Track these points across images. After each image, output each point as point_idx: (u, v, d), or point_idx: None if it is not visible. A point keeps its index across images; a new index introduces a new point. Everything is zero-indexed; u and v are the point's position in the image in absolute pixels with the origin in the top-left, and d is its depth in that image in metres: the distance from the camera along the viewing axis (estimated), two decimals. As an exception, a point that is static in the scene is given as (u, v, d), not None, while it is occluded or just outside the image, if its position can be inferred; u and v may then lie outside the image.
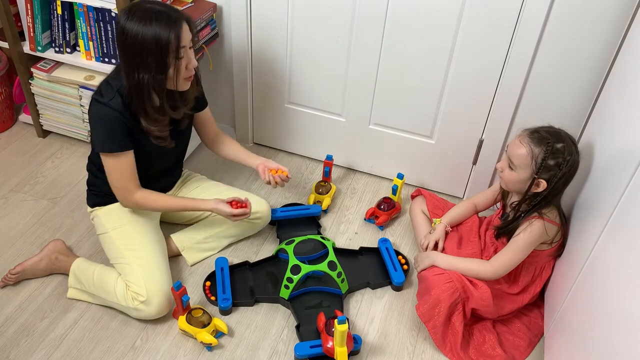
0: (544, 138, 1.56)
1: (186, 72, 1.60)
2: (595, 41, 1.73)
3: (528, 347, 1.75)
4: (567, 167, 1.55)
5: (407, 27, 1.92)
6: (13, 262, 1.88)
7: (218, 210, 1.78)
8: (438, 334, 1.69)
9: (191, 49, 1.60)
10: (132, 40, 1.49)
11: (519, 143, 1.60)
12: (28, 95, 2.32)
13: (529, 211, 1.63)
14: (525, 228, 1.62)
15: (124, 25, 1.50)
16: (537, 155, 1.56)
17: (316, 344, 1.66)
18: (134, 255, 1.73)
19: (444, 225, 1.86)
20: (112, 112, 1.58)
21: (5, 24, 2.12)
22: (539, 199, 1.60)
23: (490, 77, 1.92)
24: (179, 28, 1.51)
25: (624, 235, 1.26)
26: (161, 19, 1.49)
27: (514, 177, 1.62)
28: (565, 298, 1.57)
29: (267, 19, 2.10)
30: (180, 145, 1.86)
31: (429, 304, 1.65)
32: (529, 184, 1.59)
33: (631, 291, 1.16)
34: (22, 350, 1.67)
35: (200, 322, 1.68)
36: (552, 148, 1.54)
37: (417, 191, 2.09)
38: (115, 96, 1.59)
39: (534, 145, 1.57)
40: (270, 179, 1.87)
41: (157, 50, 1.50)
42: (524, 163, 1.58)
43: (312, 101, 2.27)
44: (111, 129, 1.60)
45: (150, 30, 1.48)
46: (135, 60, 1.52)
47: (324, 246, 1.94)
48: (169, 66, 1.55)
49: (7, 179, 2.24)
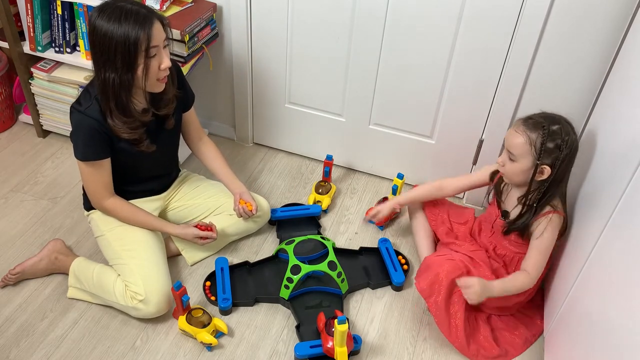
0: (538, 123, 1.55)
1: (159, 73, 1.58)
2: (595, 39, 1.73)
3: (524, 345, 1.74)
4: (568, 148, 1.53)
5: (407, 27, 1.92)
6: (13, 262, 1.88)
7: (185, 234, 1.81)
8: (440, 313, 1.65)
9: (165, 49, 1.58)
10: (101, 39, 1.48)
11: (514, 132, 1.58)
12: (28, 95, 2.32)
13: (540, 202, 1.60)
14: (546, 226, 1.60)
15: (94, 23, 1.49)
16: (535, 141, 1.54)
17: (316, 344, 1.66)
18: (131, 255, 1.73)
19: (394, 204, 1.93)
20: (89, 120, 1.58)
21: (5, 24, 2.12)
22: (546, 185, 1.58)
23: (490, 76, 1.92)
24: (149, 26, 1.50)
25: (625, 235, 1.26)
26: (131, 17, 1.48)
27: (517, 167, 1.59)
28: (565, 298, 1.57)
29: (267, 19, 2.10)
30: (169, 146, 1.85)
31: (429, 279, 1.64)
32: (533, 172, 1.57)
33: (631, 291, 1.16)
34: (22, 350, 1.67)
35: (200, 322, 1.68)
36: (549, 130, 1.53)
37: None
38: (92, 104, 1.58)
39: (530, 132, 1.55)
40: (237, 209, 1.88)
41: (126, 48, 1.49)
42: (523, 151, 1.56)
43: (312, 101, 2.26)
44: (87, 137, 1.60)
45: (120, 29, 1.47)
46: (103, 58, 1.51)
47: (324, 246, 1.94)
48: (137, 65, 1.52)
49: (7, 179, 2.24)
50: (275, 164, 2.41)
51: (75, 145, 1.65)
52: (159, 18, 1.54)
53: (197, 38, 2.03)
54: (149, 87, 1.60)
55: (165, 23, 1.56)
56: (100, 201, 1.74)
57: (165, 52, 1.58)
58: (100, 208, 1.77)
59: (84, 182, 1.73)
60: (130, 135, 1.63)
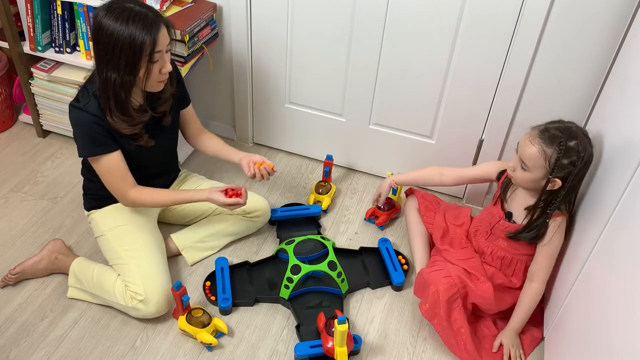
0: (555, 137, 1.50)
1: (160, 76, 1.59)
2: (595, 39, 1.73)
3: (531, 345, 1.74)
4: (582, 163, 1.50)
5: (407, 27, 1.92)
6: (13, 262, 1.88)
7: (212, 199, 1.75)
8: (445, 332, 1.66)
9: (167, 53, 1.58)
10: (106, 38, 1.48)
11: (529, 143, 1.53)
12: (28, 95, 2.32)
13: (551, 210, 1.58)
14: (552, 230, 1.58)
15: (100, 22, 1.49)
16: (550, 156, 1.50)
17: (316, 344, 1.66)
18: (131, 255, 1.73)
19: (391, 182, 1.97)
20: (89, 116, 1.58)
21: (5, 24, 2.12)
22: (558, 198, 1.55)
23: (490, 76, 1.92)
24: (156, 31, 1.50)
25: (624, 235, 1.26)
26: (139, 20, 1.48)
27: (528, 177, 1.57)
28: (565, 298, 1.57)
29: (267, 19, 2.10)
30: (167, 143, 1.85)
31: (430, 300, 1.64)
32: (544, 184, 1.54)
33: (631, 291, 1.16)
34: (22, 350, 1.67)
35: (200, 322, 1.68)
36: (566, 147, 1.48)
37: (410, 190, 2.08)
38: (90, 100, 1.59)
39: (546, 146, 1.50)
40: (256, 172, 1.82)
41: (130, 51, 1.49)
42: (537, 164, 1.52)
43: (312, 101, 2.26)
44: (90, 133, 1.60)
45: (126, 30, 1.47)
46: (107, 57, 1.51)
47: (324, 246, 1.94)
48: (139, 68, 1.53)
49: (7, 179, 2.24)
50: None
51: (81, 144, 1.64)
52: (165, 23, 1.55)
53: (197, 38, 2.03)
54: (148, 88, 1.61)
55: (170, 27, 1.57)
56: (125, 195, 1.71)
57: (167, 56, 1.59)
58: (128, 202, 1.73)
59: (105, 182, 1.69)
60: (131, 130, 1.64)
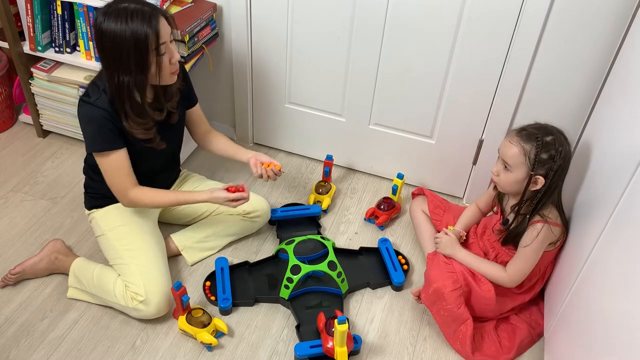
0: (532, 134, 1.58)
1: (171, 67, 1.59)
2: (595, 40, 1.73)
3: (528, 344, 1.75)
4: (561, 159, 1.55)
5: (407, 27, 1.92)
6: (13, 262, 1.88)
7: (214, 198, 1.73)
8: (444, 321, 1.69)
9: (172, 42, 1.58)
10: (111, 43, 1.49)
11: (509, 143, 1.61)
12: (28, 95, 2.32)
13: (532, 212, 1.63)
14: (530, 234, 1.62)
15: (101, 28, 1.49)
16: (529, 152, 1.57)
17: (316, 344, 1.66)
18: (132, 256, 1.73)
19: (460, 231, 1.85)
20: (99, 111, 1.58)
21: (5, 24, 2.12)
22: (539, 196, 1.60)
23: (490, 76, 1.92)
24: (156, 23, 1.50)
25: (624, 235, 1.26)
26: (137, 17, 1.47)
27: (511, 178, 1.62)
28: (565, 298, 1.57)
29: (267, 19, 2.10)
30: (172, 142, 1.85)
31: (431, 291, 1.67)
32: (527, 182, 1.59)
33: (631, 291, 1.16)
34: (22, 350, 1.67)
35: (200, 322, 1.68)
36: (542, 142, 1.55)
37: (419, 190, 2.09)
38: (100, 96, 1.58)
39: (524, 143, 1.58)
40: (263, 172, 1.82)
41: (137, 49, 1.49)
42: (518, 162, 1.59)
43: (312, 101, 2.27)
44: (99, 128, 1.60)
45: (127, 30, 1.47)
46: (116, 62, 1.51)
47: (324, 246, 1.94)
48: (150, 65, 1.53)
49: (7, 179, 2.24)
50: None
51: (90, 139, 1.64)
52: (162, 13, 1.55)
53: (197, 38, 2.03)
54: (163, 82, 1.61)
55: (168, 16, 1.57)
56: (126, 194, 1.70)
57: (173, 46, 1.59)
58: (128, 201, 1.72)
59: (107, 180, 1.69)
60: (146, 135, 1.64)
